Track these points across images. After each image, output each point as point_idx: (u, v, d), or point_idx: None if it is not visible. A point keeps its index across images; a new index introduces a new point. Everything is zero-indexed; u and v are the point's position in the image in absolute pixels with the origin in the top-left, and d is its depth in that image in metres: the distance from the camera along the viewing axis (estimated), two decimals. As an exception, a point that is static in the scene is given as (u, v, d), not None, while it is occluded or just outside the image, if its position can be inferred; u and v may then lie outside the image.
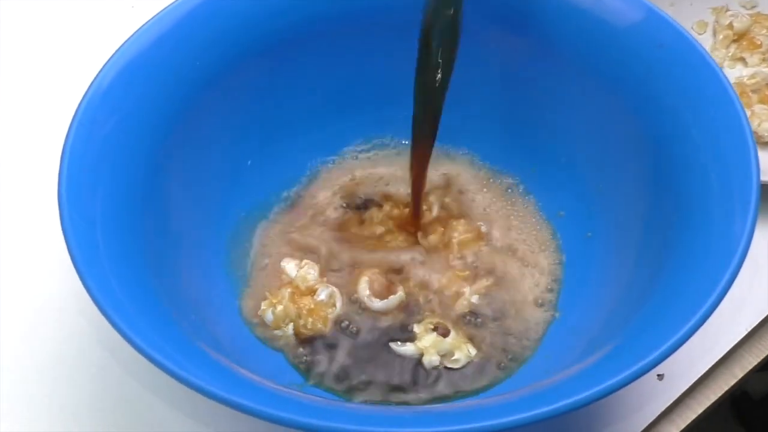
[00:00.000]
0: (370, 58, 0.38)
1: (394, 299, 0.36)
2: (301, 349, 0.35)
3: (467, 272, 0.37)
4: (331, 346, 0.35)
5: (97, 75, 0.31)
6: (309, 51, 0.37)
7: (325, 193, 0.40)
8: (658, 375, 0.36)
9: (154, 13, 0.33)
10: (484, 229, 0.38)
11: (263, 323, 0.35)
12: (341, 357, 0.34)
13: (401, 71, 0.34)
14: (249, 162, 0.38)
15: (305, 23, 0.37)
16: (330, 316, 0.35)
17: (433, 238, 0.38)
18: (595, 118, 0.36)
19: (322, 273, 0.37)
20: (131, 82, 0.32)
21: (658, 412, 0.35)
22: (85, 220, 0.28)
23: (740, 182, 0.30)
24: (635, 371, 0.25)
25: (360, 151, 0.41)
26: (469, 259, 0.37)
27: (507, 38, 0.37)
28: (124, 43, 0.32)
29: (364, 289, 0.36)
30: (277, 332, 0.35)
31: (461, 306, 0.36)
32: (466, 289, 0.36)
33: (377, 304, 0.35)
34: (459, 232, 0.38)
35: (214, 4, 0.34)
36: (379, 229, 0.38)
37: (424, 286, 0.36)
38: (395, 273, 0.37)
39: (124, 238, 0.29)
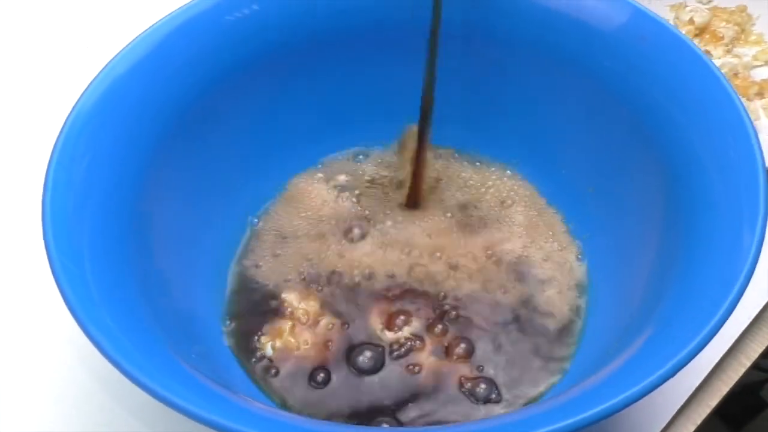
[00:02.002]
0: (355, 77, 0.38)
1: (408, 330, 0.34)
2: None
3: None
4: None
5: (72, 109, 0.30)
6: (288, 76, 0.37)
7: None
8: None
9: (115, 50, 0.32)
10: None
11: (258, 357, 0.33)
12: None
13: (391, 87, 0.33)
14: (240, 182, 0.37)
15: (283, 45, 0.36)
16: (332, 348, 0.33)
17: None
18: (590, 119, 0.36)
19: (324, 305, 0.35)
20: (108, 113, 0.30)
21: (675, 410, 0.35)
22: (72, 255, 0.26)
23: (742, 163, 0.29)
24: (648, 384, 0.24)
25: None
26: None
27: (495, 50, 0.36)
28: (98, 75, 0.31)
29: (376, 322, 0.34)
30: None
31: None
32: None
33: (390, 335, 0.34)
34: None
35: (190, 28, 0.33)
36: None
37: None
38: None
39: (112, 271, 0.27)
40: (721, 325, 0.25)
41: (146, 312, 0.28)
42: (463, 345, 0.33)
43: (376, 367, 0.33)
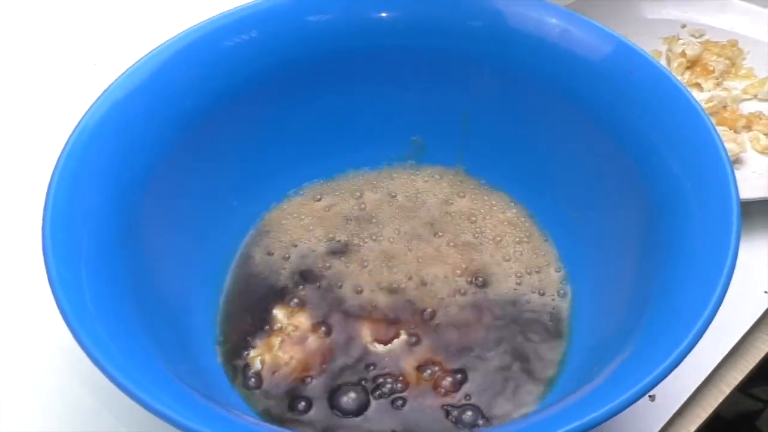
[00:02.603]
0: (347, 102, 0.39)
1: (398, 342, 0.35)
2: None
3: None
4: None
5: (74, 130, 0.31)
6: (281, 97, 0.38)
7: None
8: (650, 396, 0.36)
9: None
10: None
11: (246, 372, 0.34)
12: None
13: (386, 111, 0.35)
14: (234, 203, 0.38)
15: (279, 70, 0.37)
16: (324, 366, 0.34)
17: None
18: (577, 145, 0.37)
19: (315, 322, 0.36)
20: (109, 132, 0.31)
21: (655, 432, 0.35)
22: (69, 265, 0.27)
23: (717, 194, 0.30)
24: (630, 397, 0.25)
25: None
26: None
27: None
28: (101, 95, 0.32)
29: (366, 336, 0.35)
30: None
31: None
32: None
33: (381, 348, 0.35)
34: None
35: (189, 53, 0.35)
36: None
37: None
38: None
39: (108, 283, 0.28)
40: (695, 343, 0.26)
41: (139, 324, 0.29)
42: (449, 378, 0.34)
43: (360, 409, 0.33)
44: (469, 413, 0.33)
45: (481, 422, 0.32)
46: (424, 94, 0.40)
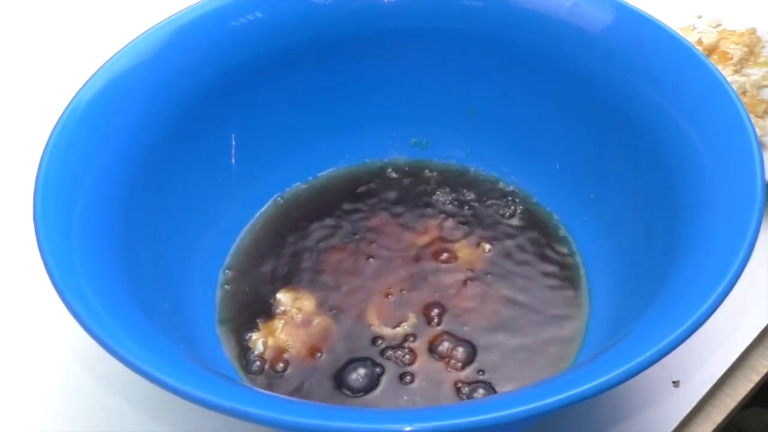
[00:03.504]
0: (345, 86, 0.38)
1: (406, 325, 0.34)
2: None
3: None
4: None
5: (71, 101, 0.30)
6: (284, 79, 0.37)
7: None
8: (674, 382, 0.34)
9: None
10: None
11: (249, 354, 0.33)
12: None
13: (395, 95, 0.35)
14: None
15: (285, 52, 0.37)
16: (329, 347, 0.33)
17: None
18: (590, 125, 0.36)
19: (319, 303, 0.35)
20: (110, 103, 0.31)
21: (677, 422, 0.33)
22: (61, 237, 0.26)
23: (741, 168, 0.29)
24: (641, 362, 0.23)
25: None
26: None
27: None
28: (107, 61, 0.32)
29: (373, 319, 0.34)
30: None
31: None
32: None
33: (389, 331, 0.33)
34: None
35: (192, 30, 0.34)
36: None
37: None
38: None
39: (102, 257, 0.27)
40: (718, 304, 0.24)
41: (134, 302, 0.28)
42: (460, 348, 0.32)
43: (371, 385, 0.32)
44: (481, 391, 0.31)
45: (493, 401, 0.31)
46: (429, 81, 0.39)
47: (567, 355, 0.33)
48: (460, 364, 0.32)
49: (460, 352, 0.32)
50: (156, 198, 0.33)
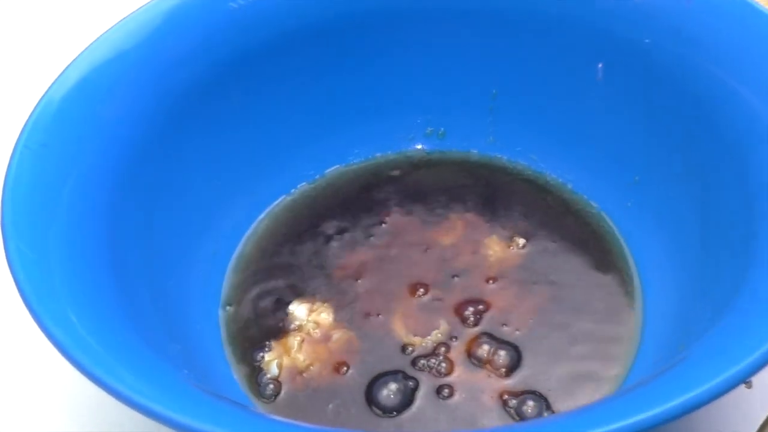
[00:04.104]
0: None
1: (438, 333, 0.30)
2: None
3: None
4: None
5: (46, 93, 0.26)
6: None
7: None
8: (746, 383, 0.30)
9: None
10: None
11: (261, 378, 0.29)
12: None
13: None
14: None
15: (286, 37, 0.33)
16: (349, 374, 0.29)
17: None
18: (629, 102, 0.32)
19: (338, 315, 0.31)
20: (88, 98, 0.27)
21: (755, 427, 0.29)
22: (37, 252, 0.22)
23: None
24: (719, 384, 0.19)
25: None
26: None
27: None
28: (85, 50, 0.28)
29: (400, 328, 0.30)
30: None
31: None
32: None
33: (418, 340, 0.29)
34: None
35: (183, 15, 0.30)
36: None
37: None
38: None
39: (85, 268, 0.23)
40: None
41: (129, 326, 0.24)
42: (502, 352, 0.29)
43: (404, 402, 0.28)
44: (531, 403, 0.27)
45: (546, 415, 0.27)
46: (444, 63, 0.35)
47: (621, 356, 0.29)
48: (503, 370, 0.28)
49: (503, 356, 0.29)
50: (147, 204, 0.29)
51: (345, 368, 0.29)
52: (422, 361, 0.29)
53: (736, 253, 0.25)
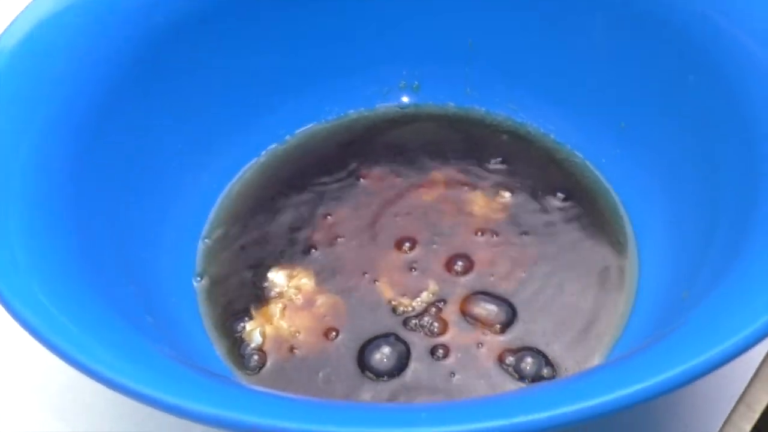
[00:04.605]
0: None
1: (428, 294, 0.28)
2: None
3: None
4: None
5: None
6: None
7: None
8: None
9: None
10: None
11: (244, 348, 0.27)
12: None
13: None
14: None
15: None
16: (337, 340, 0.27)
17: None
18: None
19: (320, 280, 0.29)
20: (39, 55, 0.25)
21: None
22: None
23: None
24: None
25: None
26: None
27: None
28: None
29: (387, 291, 0.28)
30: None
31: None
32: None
33: (407, 302, 0.28)
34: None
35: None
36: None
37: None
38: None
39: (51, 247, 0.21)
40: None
41: (101, 300, 0.22)
42: (495, 307, 0.27)
43: (399, 365, 0.26)
44: (529, 360, 0.26)
45: (545, 371, 0.26)
46: (416, 11, 0.34)
47: (618, 307, 0.28)
48: (498, 326, 0.27)
49: (497, 312, 0.27)
50: (111, 172, 0.26)
51: (334, 334, 0.27)
52: (414, 321, 0.27)
53: (739, 208, 0.23)
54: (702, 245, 0.25)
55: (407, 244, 0.30)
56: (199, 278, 0.29)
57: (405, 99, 0.35)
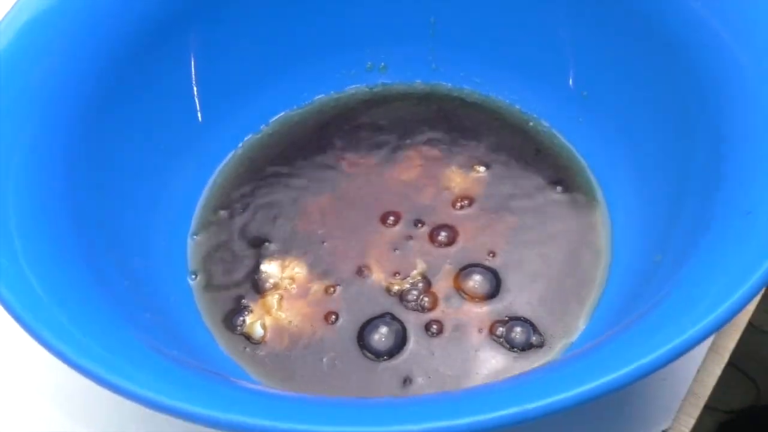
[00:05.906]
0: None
1: (416, 273, 0.29)
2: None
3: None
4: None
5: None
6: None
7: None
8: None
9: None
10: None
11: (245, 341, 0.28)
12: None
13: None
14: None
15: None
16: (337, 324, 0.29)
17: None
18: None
19: (311, 268, 0.30)
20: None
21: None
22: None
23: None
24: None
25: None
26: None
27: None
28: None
29: (377, 273, 0.29)
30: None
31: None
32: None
33: (398, 280, 0.29)
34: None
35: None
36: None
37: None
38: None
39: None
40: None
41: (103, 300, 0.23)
42: (482, 280, 0.29)
43: (397, 343, 0.28)
44: (518, 329, 0.28)
45: (534, 339, 0.27)
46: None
47: (597, 270, 0.29)
48: (486, 298, 0.29)
49: (483, 283, 0.29)
50: (98, 175, 0.27)
51: (332, 318, 0.28)
52: (406, 298, 0.29)
53: (706, 177, 0.24)
54: (671, 212, 0.26)
55: (391, 218, 0.31)
56: (193, 276, 0.30)
57: (373, 80, 0.36)
